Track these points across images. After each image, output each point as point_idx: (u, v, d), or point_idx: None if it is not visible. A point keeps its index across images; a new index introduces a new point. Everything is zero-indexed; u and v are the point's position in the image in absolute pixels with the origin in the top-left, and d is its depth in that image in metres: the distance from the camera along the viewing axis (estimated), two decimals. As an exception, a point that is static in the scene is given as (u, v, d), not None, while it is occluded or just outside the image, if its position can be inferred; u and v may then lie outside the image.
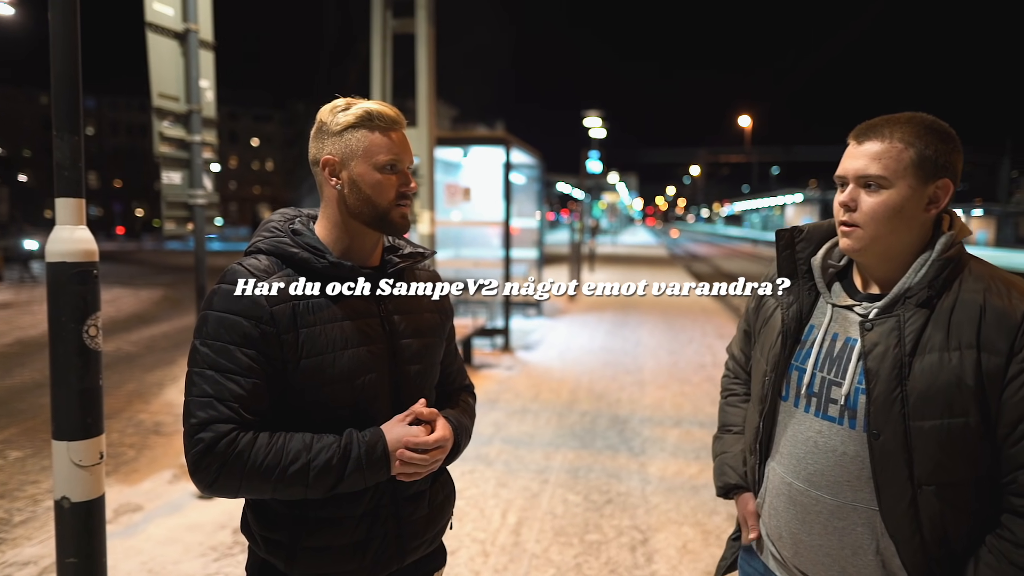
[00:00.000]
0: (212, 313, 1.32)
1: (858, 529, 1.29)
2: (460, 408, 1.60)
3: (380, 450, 1.34)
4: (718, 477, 1.65)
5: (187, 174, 4.23)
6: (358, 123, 1.37)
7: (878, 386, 1.24)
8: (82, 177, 1.98)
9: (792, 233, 1.47)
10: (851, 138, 1.33)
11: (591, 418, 5.97)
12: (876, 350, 1.26)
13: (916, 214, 1.28)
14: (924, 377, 1.21)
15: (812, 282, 1.44)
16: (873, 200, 1.28)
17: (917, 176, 1.26)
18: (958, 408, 1.19)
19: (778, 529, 1.43)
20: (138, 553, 3.47)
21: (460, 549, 3.56)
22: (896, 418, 1.22)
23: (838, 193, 1.35)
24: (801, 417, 1.38)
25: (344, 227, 1.42)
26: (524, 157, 10.40)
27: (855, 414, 1.29)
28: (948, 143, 1.28)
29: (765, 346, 1.48)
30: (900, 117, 1.30)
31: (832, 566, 1.33)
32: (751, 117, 60.13)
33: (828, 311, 1.39)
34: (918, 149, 1.26)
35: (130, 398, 6.60)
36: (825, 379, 1.35)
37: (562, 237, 36.66)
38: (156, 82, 3.99)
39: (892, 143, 1.27)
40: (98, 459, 2.01)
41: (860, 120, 1.36)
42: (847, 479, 1.30)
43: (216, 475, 1.27)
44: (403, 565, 1.48)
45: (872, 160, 1.28)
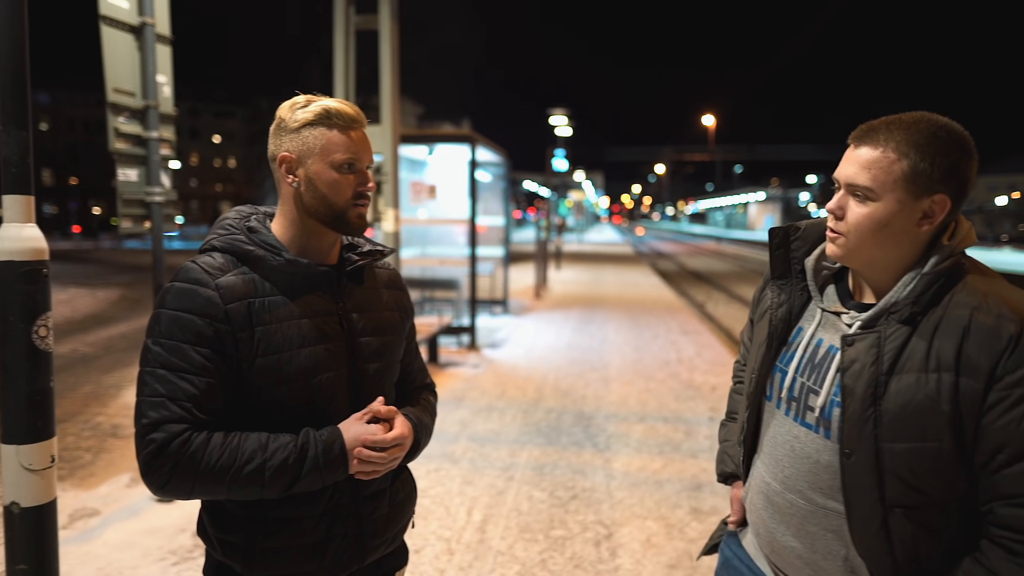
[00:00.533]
0: (165, 312, 1.30)
1: (828, 535, 1.27)
2: (420, 406, 1.59)
3: (337, 449, 1.33)
4: (718, 464, 1.64)
5: (144, 171, 4.13)
6: (316, 120, 1.36)
7: (852, 404, 1.20)
8: (31, 173, 1.93)
9: (787, 231, 1.41)
10: (850, 140, 1.25)
11: (557, 415, 6.00)
12: (853, 367, 1.21)
13: (906, 229, 1.20)
14: (899, 398, 1.16)
15: (805, 283, 1.38)
16: (859, 211, 1.21)
17: (908, 191, 1.17)
18: (931, 432, 1.14)
19: (756, 525, 1.44)
20: (94, 559, 3.39)
21: (425, 547, 3.56)
22: (868, 437, 1.18)
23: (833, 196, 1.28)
24: (781, 419, 1.36)
25: (301, 225, 1.41)
26: (490, 155, 10.40)
27: (830, 425, 1.25)
28: (953, 153, 1.17)
29: (755, 343, 1.46)
30: (904, 120, 1.20)
31: (803, 568, 1.32)
32: (715, 116, 60.90)
33: (817, 315, 1.35)
34: (912, 161, 1.16)
35: (87, 400, 6.44)
36: (805, 385, 1.31)
37: (529, 235, 36.74)
38: (111, 77, 3.89)
39: (885, 152, 1.18)
40: (49, 463, 1.95)
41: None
42: (820, 487, 1.27)
43: (169, 476, 1.24)
44: (364, 565, 1.47)
45: (862, 169, 1.20)
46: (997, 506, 1.13)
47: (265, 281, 1.36)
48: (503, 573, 3.33)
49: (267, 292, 1.35)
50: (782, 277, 1.41)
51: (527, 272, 18.48)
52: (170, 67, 4.27)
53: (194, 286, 1.30)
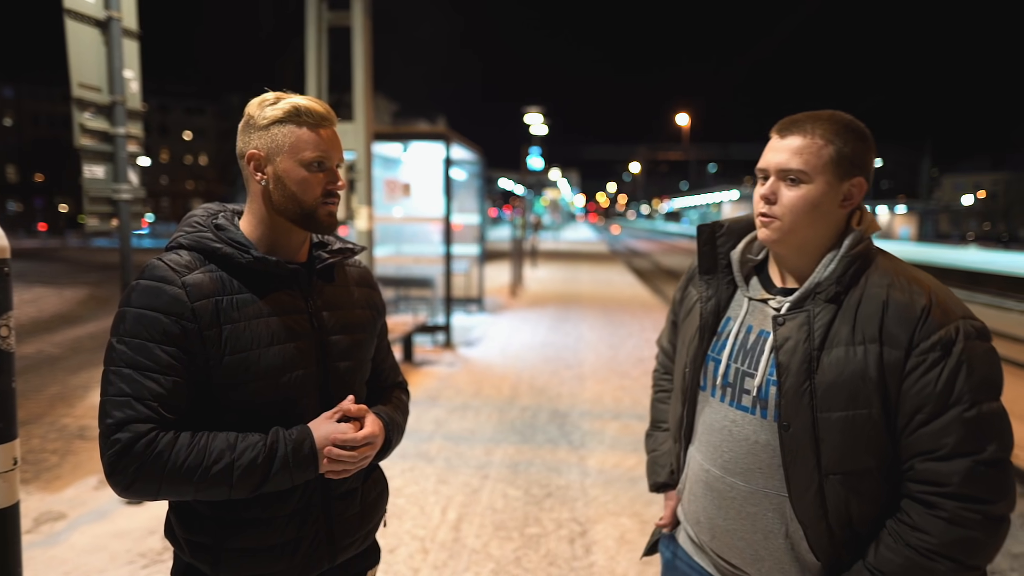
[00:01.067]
0: (131, 310, 1.28)
1: (769, 515, 1.34)
2: (392, 404, 1.58)
3: (307, 448, 1.32)
4: (650, 475, 1.70)
5: (111, 168, 4.05)
6: (285, 118, 1.34)
7: (788, 379, 1.28)
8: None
9: (713, 228, 1.50)
10: (774, 132, 1.36)
11: (532, 413, 6.01)
12: (787, 344, 1.30)
13: (831, 209, 1.32)
14: (831, 370, 1.25)
15: (731, 276, 1.47)
16: (793, 194, 1.31)
17: (835, 173, 1.30)
18: (862, 400, 1.23)
19: (696, 514, 1.48)
20: (61, 563, 3.33)
21: (400, 546, 3.54)
22: (805, 410, 1.26)
23: (758, 186, 1.38)
24: (717, 406, 1.42)
25: (269, 223, 1.39)
26: (465, 153, 10.37)
27: (767, 404, 1.32)
28: (864, 142, 1.32)
29: (686, 338, 1.52)
30: (822, 114, 1.33)
31: (745, 550, 1.38)
32: (689, 115, 61.40)
33: (744, 304, 1.42)
34: (837, 147, 1.29)
35: (53, 402, 6.32)
36: (739, 370, 1.38)
37: (504, 233, 36.74)
38: (76, 72, 3.81)
39: (814, 139, 1.30)
40: (11, 466, 1.90)
41: (787, 115, 1.37)
42: (759, 467, 1.34)
43: (134, 477, 1.22)
44: (334, 564, 1.46)
45: (794, 154, 1.30)
46: (916, 462, 1.23)
47: (233, 279, 1.34)
48: (478, 572, 3.33)
49: (235, 290, 1.33)
50: (709, 272, 1.49)
51: (503, 270, 18.49)
52: (138, 62, 4.20)
53: (160, 284, 1.28)
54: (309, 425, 1.35)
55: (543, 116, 20.67)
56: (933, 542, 1.19)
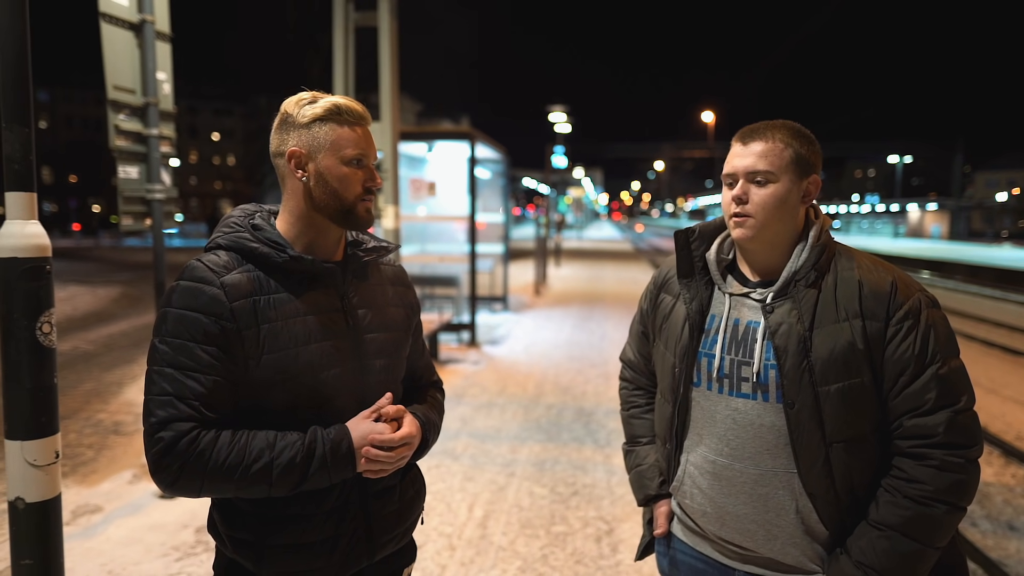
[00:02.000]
0: (172, 310, 1.30)
1: (779, 493, 1.42)
2: (428, 404, 1.60)
3: (345, 447, 1.33)
4: (638, 490, 1.72)
5: (144, 168, 4.13)
6: (326, 116, 1.37)
7: (788, 360, 1.39)
8: (33, 171, 1.93)
9: (687, 233, 1.60)
10: (736, 141, 1.49)
11: (557, 411, 6.01)
12: (781, 329, 1.41)
13: (795, 205, 1.45)
14: (824, 346, 1.37)
15: (707, 277, 1.57)
16: (763, 192, 1.43)
17: (795, 172, 1.44)
18: (854, 369, 1.36)
19: (702, 506, 1.52)
20: (97, 555, 3.41)
21: (427, 543, 3.57)
22: (806, 386, 1.37)
23: (725, 191, 1.49)
24: (716, 399, 1.49)
25: (308, 221, 1.42)
26: (489, 152, 10.40)
27: (767, 388, 1.42)
28: (814, 146, 1.47)
29: (671, 340, 1.58)
30: (775, 123, 1.47)
31: (757, 532, 1.45)
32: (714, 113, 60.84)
33: (727, 300, 1.52)
34: (795, 149, 1.44)
35: (88, 398, 6.46)
36: (734, 361, 1.47)
37: (528, 232, 36.72)
38: (111, 74, 3.90)
39: (775, 143, 1.43)
40: (53, 459, 1.96)
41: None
42: (766, 448, 1.43)
43: (177, 474, 1.25)
44: (373, 561, 1.47)
45: (759, 158, 1.43)
46: (904, 420, 1.35)
47: (270, 278, 1.36)
48: (504, 569, 3.35)
49: (272, 289, 1.35)
50: (687, 275, 1.58)
51: (527, 269, 18.49)
52: (170, 64, 4.28)
53: (199, 284, 1.31)
54: (347, 424, 1.37)
55: (567, 115, 20.62)
56: (928, 489, 1.31)
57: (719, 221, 1.59)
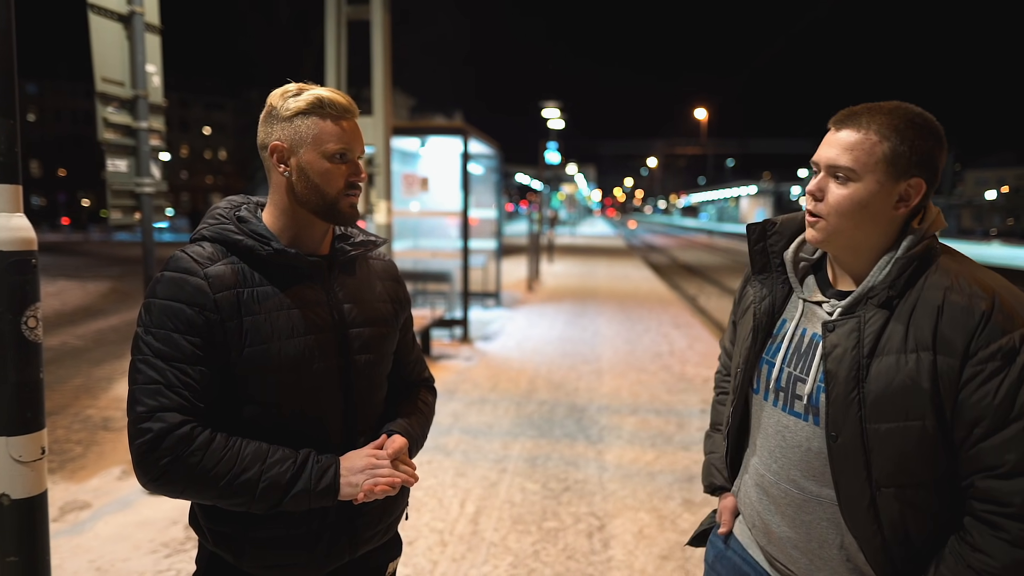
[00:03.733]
0: (156, 301, 1.29)
1: (823, 523, 1.29)
2: (416, 417, 1.57)
3: (330, 477, 1.33)
4: (706, 476, 1.65)
5: (133, 162, 4.09)
6: (309, 110, 1.34)
7: (836, 388, 1.23)
8: (18, 163, 1.90)
9: (764, 227, 1.44)
10: (831, 124, 1.29)
11: (549, 407, 6.01)
12: (835, 352, 1.24)
13: (883, 210, 1.24)
14: (881, 379, 1.19)
15: (786, 275, 1.41)
16: (840, 192, 1.24)
17: (888, 172, 1.22)
18: (914, 412, 1.17)
19: (752, 518, 1.45)
20: (85, 551, 3.38)
21: (418, 539, 3.56)
22: (853, 420, 1.21)
23: (811, 180, 1.32)
24: (771, 411, 1.38)
25: (292, 215, 1.40)
26: (482, 147, 10.37)
27: (818, 412, 1.28)
28: (928, 140, 1.23)
29: (740, 338, 1.48)
30: (883, 106, 1.25)
31: (800, 559, 1.34)
32: (707, 110, 60.91)
33: (800, 306, 1.37)
34: (893, 144, 1.21)
35: (77, 393, 6.41)
36: (792, 374, 1.34)
37: (521, 228, 36.71)
38: (99, 66, 3.85)
39: (868, 134, 1.22)
40: (40, 454, 1.94)
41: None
42: (812, 474, 1.30)
43: (164, 470, 1.24)
44: (355, 556, 1.46)
45: (844, 150, 1.23)
46: (977, 479, 1.16)
47: (254, 271, 1.35)
48: (496, 564, 3.34)
49: (256, 282, 1.34)
50: (762, 272, 1.44)
51: (519, 265, 18.48)
52: (159, 57, 4.23)
53: (183, 275, 1.30)
54: (342, 459, 1.36)
55: (560, 110, 20.60)
56: (995, 565, 1.14)
57: (804, 215, 1.39)
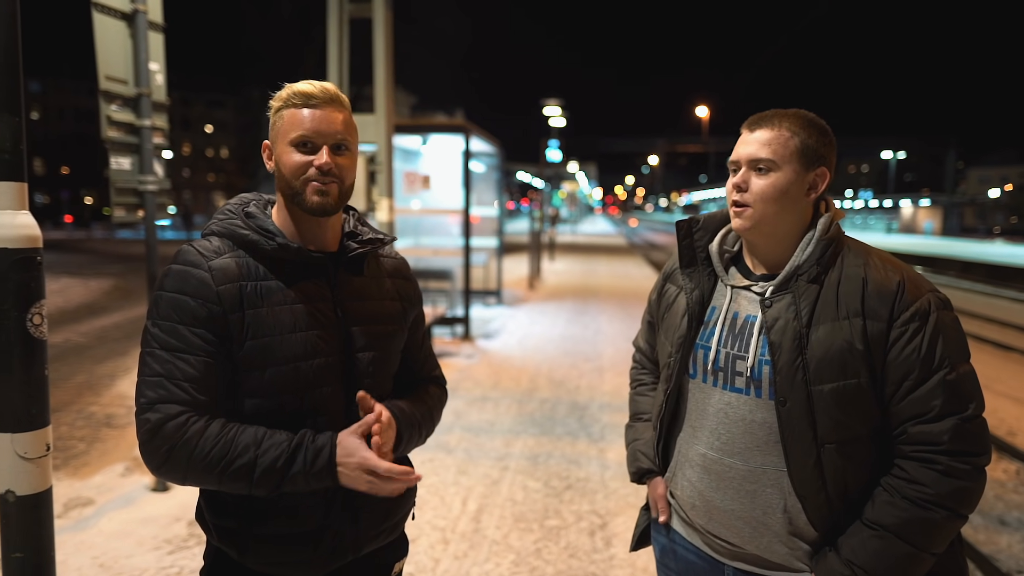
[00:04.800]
0: (164, 294, 1.32)
1: (768, 491, 1.40)
2: (412, 400, 1.53)
3: (325, 458, 1.30)
4: (631, 463, 1.73)
5: (137, 159, 4.10)
6: (282, 105, 1.38)
7: (782, 356, 1.36)
8: (24, 160, 1.91)
9: (690, 224, 1.58)
10: (744, 128, 1.45)
11: (551, 405, 6.02)
12: (777, 324, 1.38)
13: (799, 197, 1.41)
14: (821, 345, 1.33)
15: (711, 268, 1.54)
16: (763, 182, 1.40)
17: (800, 162, 1.39)
18: (851, 370, 1.32)
19: (691, 498, 1.52)
20: (89, 548, 3.39)
21: (420, 537, 3.57)
22: (799, 385, 1.34)
23: (730, 178, 1.46)
24: (709, 391, 1.48)
25: (288, 210, 1.42)
26: (484, 145, 10.37)
27: (760, 384, 1.40)
28: (825, 136, 1.42)
29: (670, 330, 1.58)
30: (787, 111, 1.43)
31: (743, 528, 1.43)
32: (709, 108, 60.85)
33: (728, 292, 1.49)
34: (802, 139, 1.39)
35: (80, 390, 6.42)
36: (730, 354, 1.45)
37: (522, 226, 36.70)
38: (103, 64, 3.86)
39: (780, 131, 1.40)
40: (44, 451, 1.95)
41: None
42: (756, 445, 1.41)
43: (165, 457, 1.26)
44: (359, 555, 1.46)
45: (763, 146, 1.40)
46: (909, 426, 1.31)
47: (259, 265, 1.36)
48: (498, 563, 3.35)
49: (260, 276, 1.36)
50: (690, 265, 1.56)
51: (521, 263, 18.48)
52: (163, 55, 4.24)
53: (188, 268, 1.32)
54: (338, 435, 1.33)
55: (562, 108, 20.58)
56: (929, 492, 1.28)
57: (724, 212, 1.55)
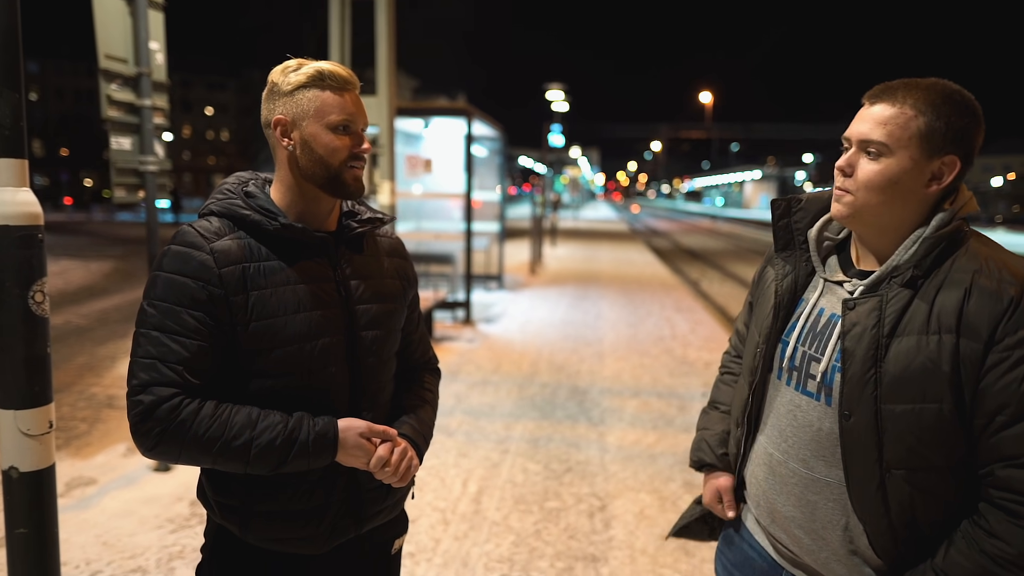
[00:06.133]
0: (161, 274, 1.30)
1: (829, 504, 1.28)
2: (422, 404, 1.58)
3: (330, 438, 1.33)
4: (694, 451, 1.64)
5: (137, 140, 4.08)
6: (309, 83, 1.35)
7: (852, 366, 1.21)
8: (24, 137, 1.89)
9: (789, 203, 1.42)
10: (865, 99, 1.25)
11: (551, 389, 6.03)
12: (854, 330, 1.22)
13: (915, 188, 1.21)
14: (900, 360, 1.17)
15: (808, 254, 1.39)
16: (870, 168, 1.22)
17: (921, 148, 1.19)
18: (932, 394, 1.15)
19: (758, 496, 1.45)
20: (92, 526, 3.41)
21: (421, 517, 3.59)
22: (868, 400, 1.19)
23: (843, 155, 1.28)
24: (784, 390, 1.37)
25: (297, 190, 1.40)
26: (486, 129, 10.32)
27: (831, 391, 1.26)
28: (965, 117, 1.19)
29: (759, 317, 1.45)
30: (921, 82, 1.21)
31: (803, 538, 1.33)
32: (712, 94, 60.53)
33: (820, 285, 1.36)
34: (928, 119, 1.18)
35: (81, 372, 6.44)
36: (807, 354, 1.32)
37: (524, 211, 36.63)
38: (102, 43, 3.83)
39: (903, 109, 1.19)
40: (47, 428, 1.95)
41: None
42: (821, 454, 1.29)
43: (157, 440, 1.25)
44: (360, 532, 1.47)
45: (878, 125, 1.20)
46: (996, 468, 1.14)
47: (261, 246, 1.35)
48: (498, 543, 3.37)
49: (263, 257, 1.35)
50: (786, 249, 1.42)
51: (522, 248, 18.46)
52: (163, 34, 4.20)
53: (189, 249, 1.31)
54: (339, 421, 1.36)
55: (564, 93, 20.44)
56: (1011, 552, 1.11)
57: (831, 193, 1.34)
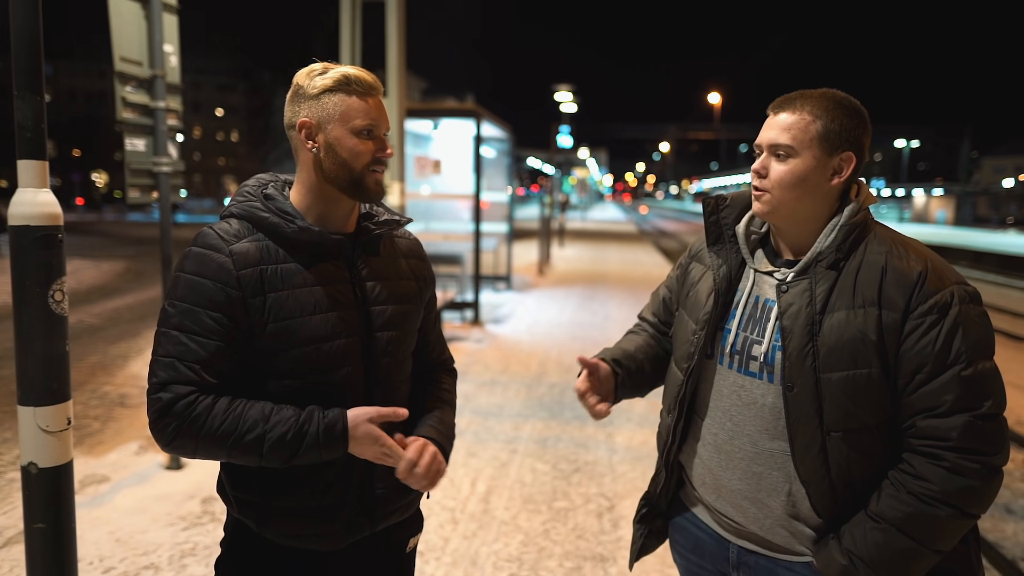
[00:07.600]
0: (183, 275, 1.34)
1: (773, 474, 1.41)
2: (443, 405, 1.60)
3: (339, 429, 1.34)
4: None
5: (151, 141, 4.13)
6: (336, 87, 1.37)
7: (792, 342, 1.35)
8: (44, 139, 1.93)
9: (717, 201, 1.57)
10: (769, 109, 1.43)
11: (560, 390, 6.05)
12: (791, 310, 1.37)
13: (820, 183, 1.38)
14: (832, 333, 1.32)
15: (738, 246, 1.53)
16: (781, 168, 1.38)
17: (822, 147, 1.36)
18: (862, 360, 1.30)
19: (702, 475, 1.55)
20: (105, 523, 3.46)
21: (430, 516, 3.61)
22: (808, 371, 1.33)
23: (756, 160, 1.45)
24: (726, 373, 1.50)
25: (319, 192, 1.42)
26: (494, 130, 10.34)
27: (772, 369, 1.40)
28: (854, 119, 1.38)
29: (695, 308, 1.56)
30: (814, 92, 1.40)
31: (748, 507, 1.46)
32: (721, 95, 60.40)
33: (751, 275, 1.49)
34: (824, 123, 1.36)
35: (94, 370, 6.50)
36: (747, 338, 1.46)
37: (532, 212, 36.63)
38: (118, 45, 3.88)
39: (802, 115, 1.37)
40: (65, 425, 1.99)
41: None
42: (765, 428, 1.42)
43: (173, 435, 1.29)
44: (375, 530, 1.49)
45: (783, 131, 1.38)
46: (918, 419, 1.29)
47: (279, 248, 1.38)
48: (507, 543, 3.39)
49: (280, 259, 1.37)
50: (716, 243, 1.56)
51: (530, 249, 18.48)
52: (176, 37, 4.25)
53: (208, 251, 1.34)
54: (349, 412, 1.36)
55: (573, 94, 20.45)
56: (935, 489, 1.26)
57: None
